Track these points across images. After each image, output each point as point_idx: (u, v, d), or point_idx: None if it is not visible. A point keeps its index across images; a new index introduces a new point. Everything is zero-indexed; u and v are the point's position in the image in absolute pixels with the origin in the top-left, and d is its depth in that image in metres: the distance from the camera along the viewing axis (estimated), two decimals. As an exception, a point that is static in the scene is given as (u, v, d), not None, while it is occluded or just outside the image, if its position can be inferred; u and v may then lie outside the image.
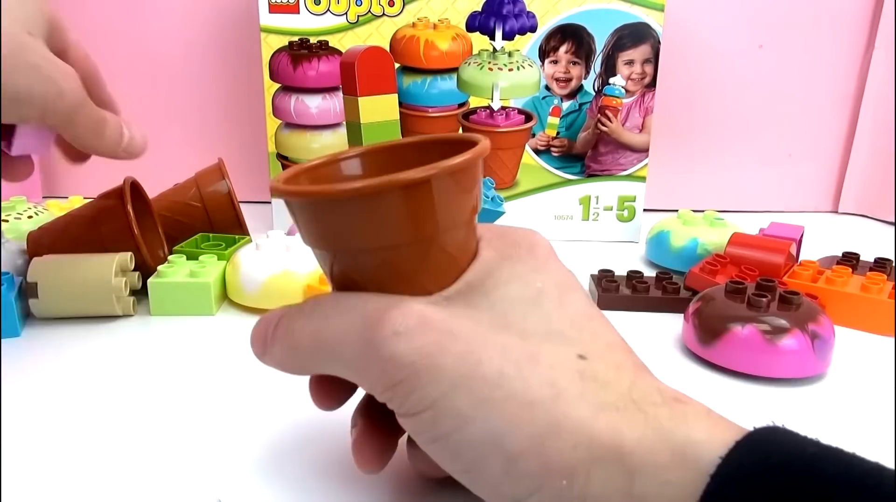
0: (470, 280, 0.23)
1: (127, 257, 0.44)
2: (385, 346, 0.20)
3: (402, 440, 0.27)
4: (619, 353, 0.22)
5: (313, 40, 0.61)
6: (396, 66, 0.62)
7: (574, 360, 0.21)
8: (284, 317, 0.24)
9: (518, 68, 0.62)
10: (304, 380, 0.37)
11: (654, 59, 0.62)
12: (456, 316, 0.21)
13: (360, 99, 0.61)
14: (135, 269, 0.45)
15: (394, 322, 0.20)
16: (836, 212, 0.81)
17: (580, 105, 0.63)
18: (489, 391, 0.20)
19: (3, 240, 0.47)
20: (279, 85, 0.63)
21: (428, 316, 0.21)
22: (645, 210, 0.66)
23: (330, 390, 0.26)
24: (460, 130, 0.63)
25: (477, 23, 0.61)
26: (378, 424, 0.25)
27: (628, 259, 0.60)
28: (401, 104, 0.63)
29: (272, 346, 0.24)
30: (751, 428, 0.19)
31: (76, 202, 0.65)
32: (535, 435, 0.19)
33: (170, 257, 0.48)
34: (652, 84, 0.62)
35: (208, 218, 0.55)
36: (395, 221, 0.21)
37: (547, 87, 0.63)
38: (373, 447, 0.25)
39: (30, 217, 0.57)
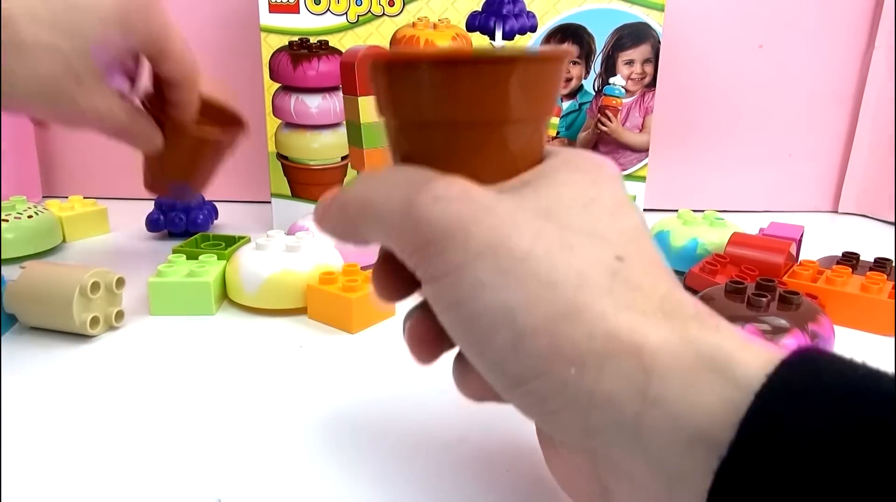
0: (526, 179, 0.23)
1: (89, 282, 0.40)
2: (423, 207, 0.20)
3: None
4: (660, 270, 0.21)
5: (313, 40, 0.61)
6: (396, 65, 0.62)
7: (610, 259, 0.20)
8: (344, 187, 0.24)
9: (518, 68, 0.62)
10: (304, 381, 0.37)
11: (654, 59, 0.62)
12: (500, 198, 0.21)
13: (360, 99, 0.61)
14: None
15: (437, 188, 0.21)
16: (836, 212, 0.81)
17: (580, 105, 0.63)
18: (513, 264, 0.19)
19: None
20: (279, 85, 0.63)
21: (471, 189, 0.21)
22: (645, 210, 0.66)
23: (390, 278, 0.25)
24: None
25: (477, 23, 0.61)
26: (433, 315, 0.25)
27: (628, 259, 0.60)
28: (401, 104, 0.63)
29: (328, 209, 0.24)
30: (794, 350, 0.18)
31: (76, 202, 0.65)
32: (549, 316, 0.19)
33: (169, 257, 0.48)
34: (652, 84, 0.62)
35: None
36: (462, 97, 0.21)
37: (547, 87, 0.63)
38: (427, 335, 0.24)
39: (30, 217, 0.57)
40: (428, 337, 0.24)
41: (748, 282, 0.40)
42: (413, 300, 0.25)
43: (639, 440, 0.18)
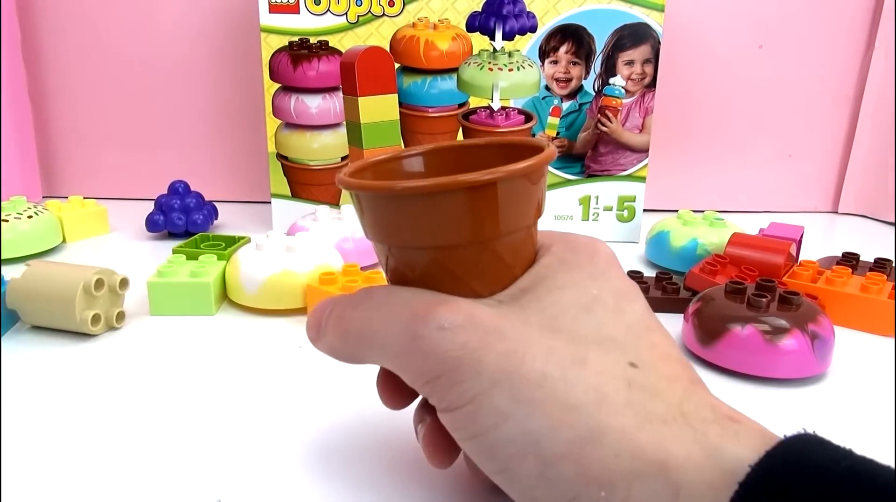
0: (524, 285, 0.22)
1: (93, 279, 0.40)
2: (429, 340, 0.20)
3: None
4: (675, 365, 0.21)
5: (313, 40, 0.61)
6: (396, 66, 0.62)
7: (623, 368, 0.20)
8: (338, 305, 0.24)
9: (518, 68, 0.62)
10: (304, 382, 0.37)
11: (654, 59, 0.62)
12: (504, 315, 0.21)
13: (360, 99, 0.61)
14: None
15: (440, 317, 0.20)
16: (836, 212, 0.81)
17: (580, 105, 0.63)
18: (530, 391, 0.19)
19: None
20: (279, 85, 0.63)
21: (475, 313, 0.21)
22: (645, 210, 0.66)
23: (397, 388, 0.26)
24: (460, 131, 0.63)
25: (477, 23, 0.61)
26: None
27: (628, 259, 0.60)
28: (401, 104, 0.63)
29: (325, 332, 0.24)
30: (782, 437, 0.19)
31: (76, 202, 0.65)
32: (574, 440, 0.19)
33: (169, 257, 0.48)
34: (652, 84, 0.62)
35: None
36: (449, 222, 0.21)
37: (547, 88, 0.63)
38: (443, 441, 0.24)
39: (29, 217, 0.57)
40: (444, 446, 0.24)
41: (748, 282, 0.40)
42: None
43: None
